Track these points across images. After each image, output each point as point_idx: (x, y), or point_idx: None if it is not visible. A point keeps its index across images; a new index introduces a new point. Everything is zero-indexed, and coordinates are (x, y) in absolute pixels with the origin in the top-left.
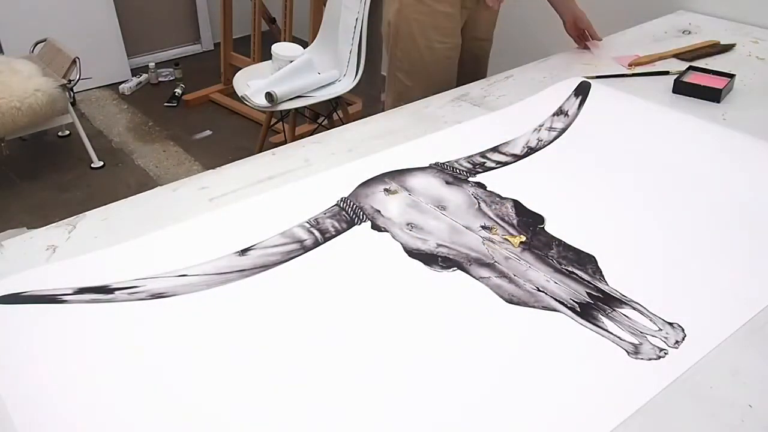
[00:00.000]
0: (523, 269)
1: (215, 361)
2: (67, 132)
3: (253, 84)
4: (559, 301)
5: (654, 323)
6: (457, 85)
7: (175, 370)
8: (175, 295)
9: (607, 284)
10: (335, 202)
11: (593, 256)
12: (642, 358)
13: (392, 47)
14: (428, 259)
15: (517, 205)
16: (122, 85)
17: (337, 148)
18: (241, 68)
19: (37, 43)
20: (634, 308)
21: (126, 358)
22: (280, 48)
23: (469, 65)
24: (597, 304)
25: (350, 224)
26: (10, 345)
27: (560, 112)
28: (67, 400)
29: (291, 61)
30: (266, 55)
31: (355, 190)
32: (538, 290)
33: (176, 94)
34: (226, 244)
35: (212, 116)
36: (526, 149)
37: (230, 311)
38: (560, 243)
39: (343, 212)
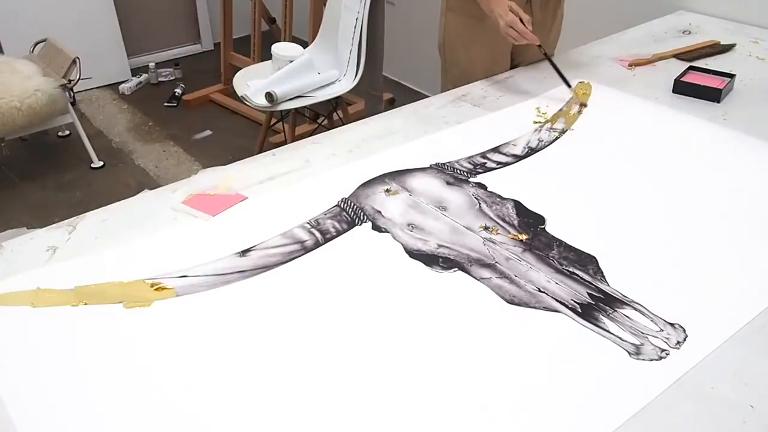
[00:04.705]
0: (524, 270)
1: (216, 362)
2: (67, 132)
3: (253, 84)
4: (560, 302)
5: (655, 324)
6: None
7: (176, 370)
8: (176, 296)
9: (608, 285)
10: (336, 203)
11: (594, 257)
12: (643, 359)
13: (443, 59)
14: (429, 259)
15: (518, 206)
16: (122, 85)
17: (337, 148)
18: (241, 68)
19: (37, 43)
20: (635, 309)
21: (127, 358)
22: (280, 48)
23: None
24: (598, 305)
25: (351, 225)
26: (10, 345)
27: (561, 112)
28: (67, 400)
29: (291, 61)
30: (266, 55)
31: (355, 190)
32: (539, 291)
33: (176, 94)
34: (226, 245)
35: (212, 116)
36: (526, 150)
37: (231, 312)
38: (561, 243)
39: (344, 213)
